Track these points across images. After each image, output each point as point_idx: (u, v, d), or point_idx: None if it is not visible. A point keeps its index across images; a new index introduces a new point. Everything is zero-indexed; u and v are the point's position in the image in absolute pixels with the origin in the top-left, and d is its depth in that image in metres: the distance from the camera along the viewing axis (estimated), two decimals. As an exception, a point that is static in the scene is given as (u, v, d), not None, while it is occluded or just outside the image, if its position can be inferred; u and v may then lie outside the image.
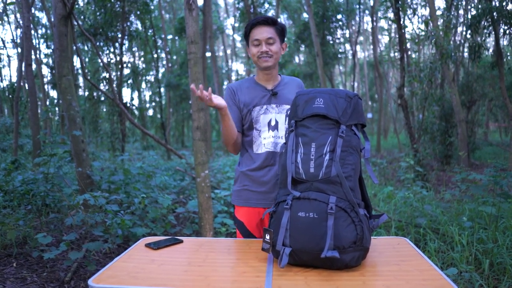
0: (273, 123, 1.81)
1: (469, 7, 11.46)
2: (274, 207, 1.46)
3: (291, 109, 1.54)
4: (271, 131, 1.81)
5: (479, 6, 8.17)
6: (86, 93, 14.50)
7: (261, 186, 1.82)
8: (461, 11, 11.99)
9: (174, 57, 20.92)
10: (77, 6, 10.95)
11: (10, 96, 15.92)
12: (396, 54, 18.16)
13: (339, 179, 1.35)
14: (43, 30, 17.35)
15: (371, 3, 17.51)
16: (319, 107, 1.43)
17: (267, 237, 1.43)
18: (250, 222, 1.84)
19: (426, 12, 14.58)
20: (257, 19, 1.76)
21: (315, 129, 1.42)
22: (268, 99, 1.83)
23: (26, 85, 10.15)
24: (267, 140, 1.81)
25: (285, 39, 1.88)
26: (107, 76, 12.38)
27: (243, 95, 1.84)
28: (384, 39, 27.74)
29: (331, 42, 16.29)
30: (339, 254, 1.30)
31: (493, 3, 7.90)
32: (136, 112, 17.80)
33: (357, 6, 16.40)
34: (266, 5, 13.70)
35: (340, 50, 18.08)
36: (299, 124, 1.47)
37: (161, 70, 21.37)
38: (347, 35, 18.41)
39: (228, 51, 30.26)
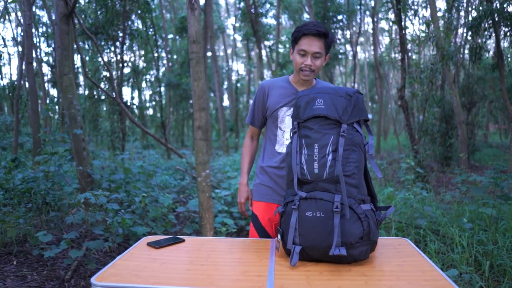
0: None
1: (470, 8, 11.47)
2: (283, 207, 1.52)
3: (294, 111, 1.58)
4: None
5: (480, 8, 8.18)
6: (87, 92, 14.50)
7: (276, 183, 1.87)
8: (462, 13, 11.99)
9: (175, 57, 20.91)
10: (78, 4, 10.94)
11: (10, 94, 15.89)
12: (396, 55, 18.17)
13: (343, 179, 1.39)
14: (44, 28, 17.33)
15: (372, 4, 17.52)
16: (320, 108, 1.47)
17: (279, 236, 1.51)
18: (263, 216, 1.88)
19: (427, 13, 14.59)
20: (309, 29, 1.68)
21: (317, 130, 1.46)
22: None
23: (27, 83, 10.15)
24: (289, 140, 1.83)
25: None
26: (108, 75, 12.38)
27: (273, 94, 1.85)
28: (384, 40, 27.74)
29: (332, 42, 16.27)
30: (347, 250, 1.35)
31: (494, 5, 7.90)
32: (136, 111, 17.79)
33: (358, 7, 16.41)
34: (267, 5, 13.68)
35: (341, 51, 18.09)
36: (301, 125, 1.51)
37: (162, 69, 21.36)
38: (348, 36, 18.41)
39: (229, 51, 30.24)
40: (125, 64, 13.42)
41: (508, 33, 8.06)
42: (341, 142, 1.41)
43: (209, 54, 12.50)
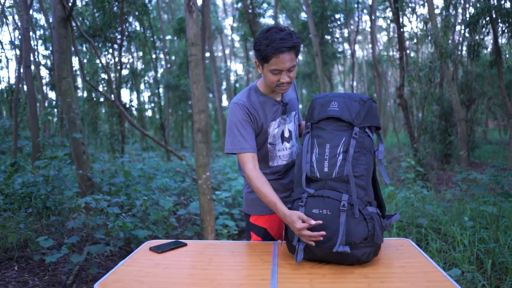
0: (286, 134, 1.76)
1: (467, 5, 11.47)
2: (290, 203, 1.52)
3: (308, 112, 1.59)
4: (285, 143, 1.77)
5: (478, 5, 8.17)
6: (85, 94, 14.48)
7: (280, 192, 1.75)
8: (459, 10, 11.99)
9: (173, 58, 20.89)
10: (75, 7, 10.90)
11: (9, 98, 15.87)
12: (394, 53, 18.16)
13: (352, 179, 1.40)
14: (41, 31, 17.28)
15: (370, 2, 17.52)
16: (334, 110, 1.50)
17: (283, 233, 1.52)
18: (273, 227, 1.82)
19: (424, 10, 14.60)
20: (279, 48, 1.49)
21: (330, 131, 1.49)
22: (281, 112, 1.75)
23: (25, 87, 10.13)
24: (282, 152, 1.77)
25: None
26: (106, 77, 12.36)
27: (259, 113, 1.69)
28: (382, 38, 27.75)
29: (330, 41, 16.29)
30: (351, 249, 1.36)
31: (492, 1, 7.90)
32: (135, 113, 17.75)
33: (356, 5, 16.41)
34: (265, 5, 13.68)
35: (339, 50, 18.07)
36: (314, 126, 1.53)
37: (160, 70, 21.33)
38: (346, 34, 18.40)
39: (227, 51, 30.20)
40: (124, 66, 13.40)
41: (506, 30, 8.06)
42: (352, 144, 1.44)
43: (207, 55, 12.51)
